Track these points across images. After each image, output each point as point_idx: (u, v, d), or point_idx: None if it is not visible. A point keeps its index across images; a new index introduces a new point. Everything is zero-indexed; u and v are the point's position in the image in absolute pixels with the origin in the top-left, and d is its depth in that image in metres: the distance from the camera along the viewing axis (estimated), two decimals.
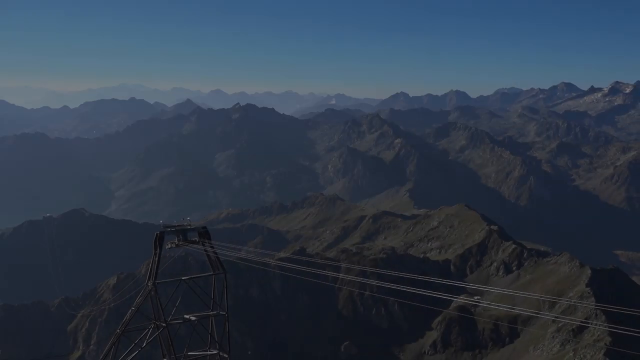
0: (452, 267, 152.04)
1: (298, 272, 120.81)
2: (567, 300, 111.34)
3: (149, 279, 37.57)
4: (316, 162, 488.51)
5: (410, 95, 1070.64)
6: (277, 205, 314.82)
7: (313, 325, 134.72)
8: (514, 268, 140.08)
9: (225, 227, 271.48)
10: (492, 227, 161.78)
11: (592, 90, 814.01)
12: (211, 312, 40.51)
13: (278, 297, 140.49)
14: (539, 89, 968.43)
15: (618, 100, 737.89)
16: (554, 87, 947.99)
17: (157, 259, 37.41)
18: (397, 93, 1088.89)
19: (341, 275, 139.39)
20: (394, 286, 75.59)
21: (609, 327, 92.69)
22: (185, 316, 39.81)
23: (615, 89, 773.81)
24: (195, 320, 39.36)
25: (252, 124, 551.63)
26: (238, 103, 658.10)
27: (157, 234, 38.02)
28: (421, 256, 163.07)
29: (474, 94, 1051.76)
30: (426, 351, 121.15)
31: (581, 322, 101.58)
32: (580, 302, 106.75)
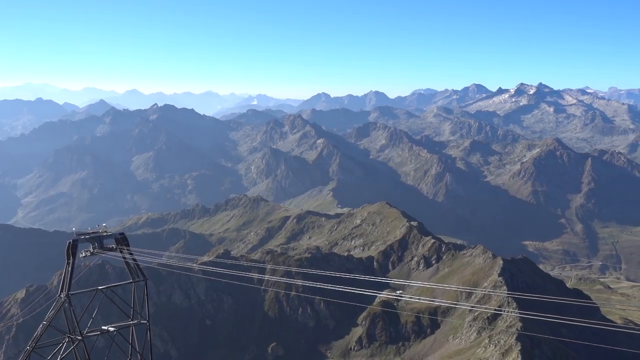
0: (375, 263, 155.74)
1: (223, 276, 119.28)
2: (482, 290, 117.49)
3: (61, 291, 35.41)
4: (239, 164, 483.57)
5: (332, 96, 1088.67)
6: (199, 208, 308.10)
7: (239, 329, 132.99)
8: (433, 262, 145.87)
9: (145, 232, 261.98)
10: (412, 223, 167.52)
11: (500, 91, 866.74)
12: (131, 322, 38.82)
13: (202, 302, 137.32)
14: (453, 89, 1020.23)
15: (523, 101, 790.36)
16: (466, 88, 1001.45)
17: (70, 268, 35.37)
18: (319, 93, 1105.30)
19: (267, 277, 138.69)
20: (319, 285, 76.15)
21: (520, 313, 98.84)
22: (103, 327, 37.90)
23: (520, 90, 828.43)
24: (114, 331, 37.54)
25: (171, 125, 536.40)
26: (156, 103, 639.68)
27: (69, 242, 36.00)
28: (345, 254, 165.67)
29: (392, 95, 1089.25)
30: (352, 347, 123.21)
31: (495, 310, 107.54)
32: (493, 291, 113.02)
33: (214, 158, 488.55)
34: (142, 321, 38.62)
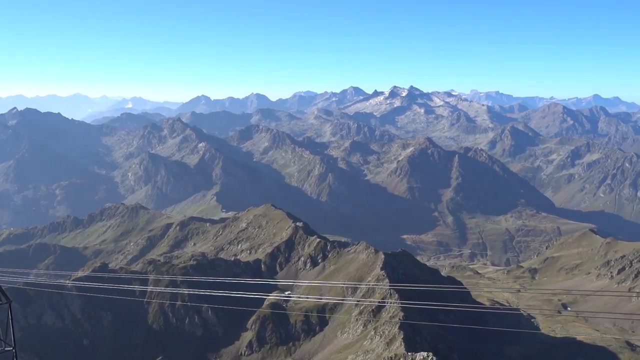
0: (262, 266, 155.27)
1: (100, 291, 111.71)
2: (366, 285, 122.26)
3: None
4: (114, 171, 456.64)
5: (212, 98, 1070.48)
6: (71, 219, 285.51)
7: (121, 346, 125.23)
8: (320, 260, 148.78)
9: (7, 250, 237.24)
10: (297, 224, 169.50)
11: (376, 93, 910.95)
12: None
13: (78, 321, 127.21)
14: (332, 92, 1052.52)
15: (397, 103, 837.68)
16: (344, 91, 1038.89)
17: None
18: (198, 96, 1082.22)
19: (149, 288, 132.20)
20: (206, 292, 74.17)
21: (402, 303, 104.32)
22: None
23: (394, 92, 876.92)
24: None
25: (34, 131, 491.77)
26: (15, 107, 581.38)
27: None
28: (232, 259, 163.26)
29: (273, 97, 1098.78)
30: (243, 352, 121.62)
31: (379, 302, 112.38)
32: (377, 285, 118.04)
33: (86, 165, 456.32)
34: (6, 348, 34.80)
